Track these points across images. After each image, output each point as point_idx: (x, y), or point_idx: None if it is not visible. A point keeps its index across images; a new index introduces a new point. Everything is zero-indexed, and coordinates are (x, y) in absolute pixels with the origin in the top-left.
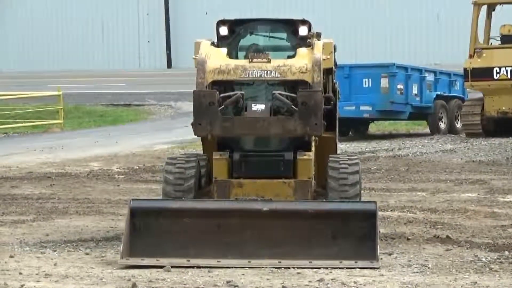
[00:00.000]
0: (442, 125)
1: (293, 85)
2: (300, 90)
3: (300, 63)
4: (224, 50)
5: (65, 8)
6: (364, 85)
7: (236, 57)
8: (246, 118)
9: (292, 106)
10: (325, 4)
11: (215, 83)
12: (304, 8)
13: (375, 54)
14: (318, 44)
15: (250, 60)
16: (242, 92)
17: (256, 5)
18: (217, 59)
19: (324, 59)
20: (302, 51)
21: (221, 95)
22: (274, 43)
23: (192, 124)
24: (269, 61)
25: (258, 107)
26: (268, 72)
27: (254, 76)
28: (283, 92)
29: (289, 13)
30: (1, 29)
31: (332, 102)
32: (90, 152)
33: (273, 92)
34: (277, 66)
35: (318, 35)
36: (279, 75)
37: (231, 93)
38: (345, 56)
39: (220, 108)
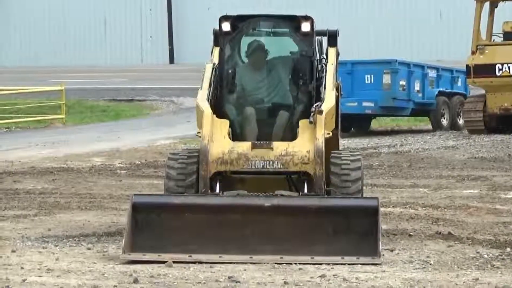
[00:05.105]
0: (444, 122)
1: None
2: (302, 193)
3: (303, 151)
4: (226, 124)
5: (68, 3)
6: (366, 81)
7: (239, 52)
8: None
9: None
10: (327, 1)
11: (218, 173)
12: (307, 4)
13: (377, 51)
14: (321, 120)
15: (253, 147)
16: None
17: (259, 2)
18: (220, 144)
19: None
20: (304, 131)
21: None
22: (276, 39)
23: None
24: (271, 149)
25: None
26: (271, 162)
27: (256, 167)
28: (284, 192)
29: (292, 10)
30: (4, 24)
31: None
32: (92, 147)
33: (276, 192)
34: (279, 155)
35: (320, 112)
36: (281, 166)
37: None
38: (348, 52)
39: None
